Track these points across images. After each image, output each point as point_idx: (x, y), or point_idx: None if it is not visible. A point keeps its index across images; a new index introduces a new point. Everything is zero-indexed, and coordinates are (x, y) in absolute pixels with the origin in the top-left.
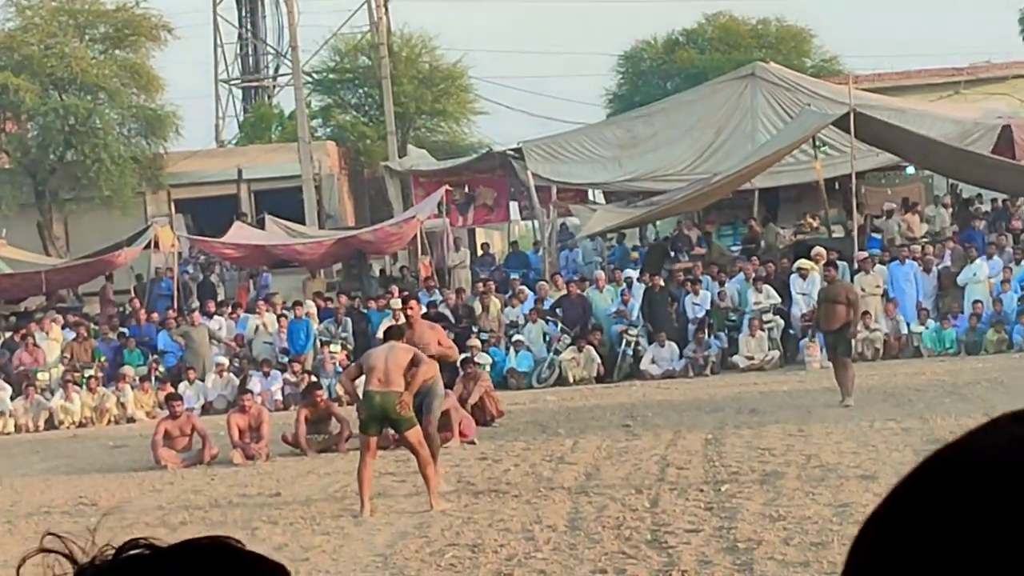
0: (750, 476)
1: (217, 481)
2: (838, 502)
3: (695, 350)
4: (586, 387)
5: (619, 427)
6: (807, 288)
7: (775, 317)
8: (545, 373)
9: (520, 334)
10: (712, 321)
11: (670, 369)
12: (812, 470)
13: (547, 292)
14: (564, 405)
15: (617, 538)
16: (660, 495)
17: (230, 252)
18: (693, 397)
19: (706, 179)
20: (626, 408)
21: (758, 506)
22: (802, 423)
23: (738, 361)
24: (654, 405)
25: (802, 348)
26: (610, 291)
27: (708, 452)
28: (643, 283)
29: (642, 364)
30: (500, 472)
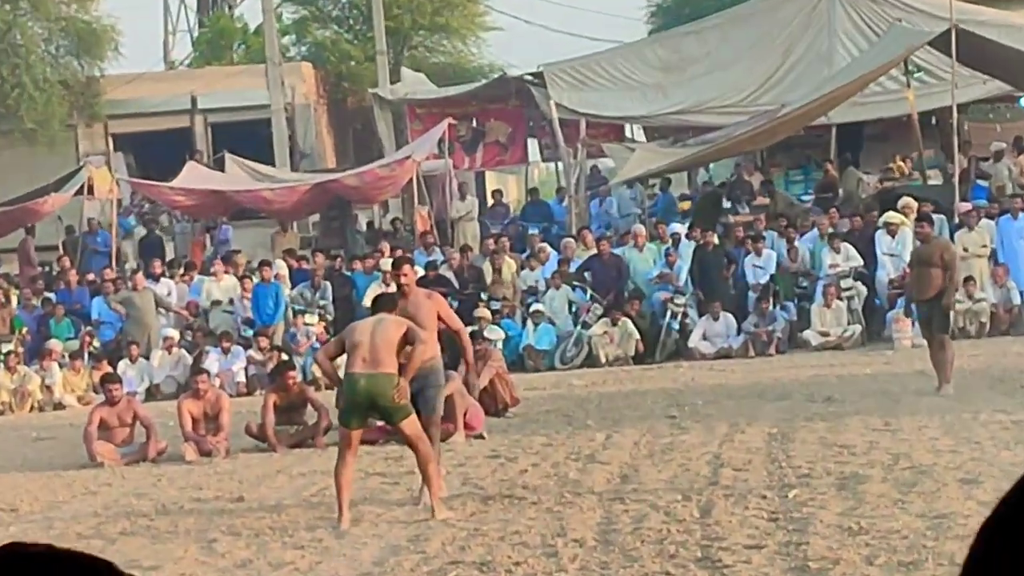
0: (824, 480)
1: (165, 482)
2: (933, 512)
3: (756, 324)
4: (621, 368)
5: (662, 418)
6: (896, 248)
7: (856, 283)
8: (571, 351)
9: (540, 303)
10: (778, 288)
11: (725, 347)
12: (901, 473)
13: (573, 251)
14: (594, 391)
15: (659, 555)
16: (713, 502)
17: (181, 199)
18: (754, 381)
19: (771, 112)
20: (671, 395)
21: (834, 517)
22: (889, 415)
23: (810, 337)
24: (705, 391)
25: (889, 322)
26: (652, 250)
27: (772, 450)
28: (692, 240)
29: (691, 341)
30: (515, 473)
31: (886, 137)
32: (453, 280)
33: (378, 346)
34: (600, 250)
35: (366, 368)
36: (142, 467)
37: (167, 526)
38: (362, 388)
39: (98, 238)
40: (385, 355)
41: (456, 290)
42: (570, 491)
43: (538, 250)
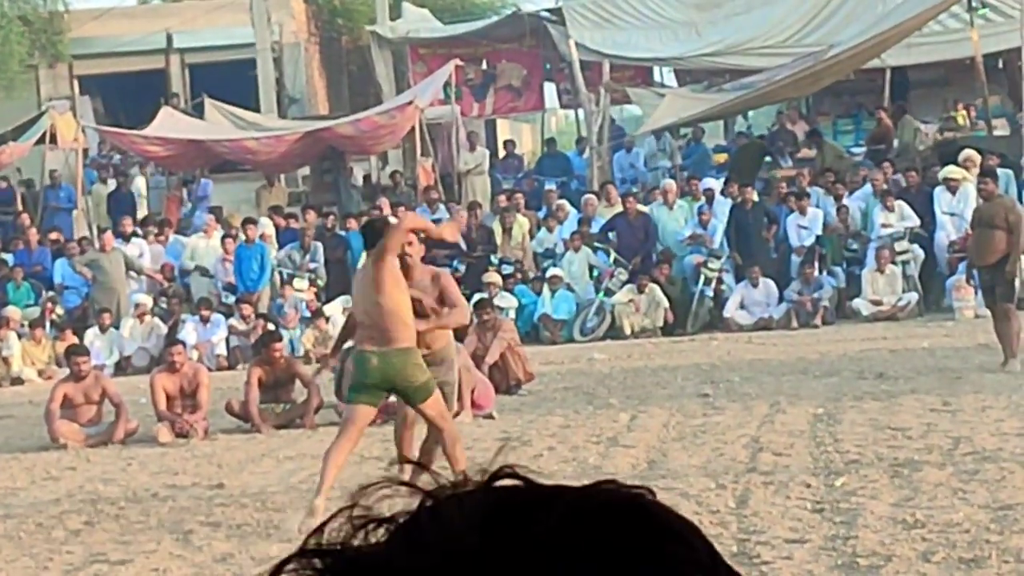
0: (876, 466)
1: (136, 466)
2: (997, 503)
3: (800, 291)
4: (649, 341)
5: (694, 396)
6: (957, 206)
7: (912, 246)
8: (592, 321)
9: (557, 267)
10: (825, 251)
11: (765, 317)
12: (962, 458)
13: (595, 209)
14: (618, 365)
15: None
16: (750, 491)
17: (155, 149)
18: (797, 356)
19: (817, 53)
20: (704, 370)
21: (886, 508)
22: (948, 393)
23: (860, 307)
24: (743, 367)
25: (949, 289)
26: (683, 208)
27: (817, 432)
28: (729, 197)
29: (726, 310)
30: (528, 458)
31: (946, 82)
32: (460, 241)
33: (386, 316)
34: (625, 208)
35: (375, 345)
36: (110, 449)
37: (138, 516)
38: (375, 368)
39: (61, 193)
40: (396, 326)
41: (463, 252)
42: (591, 478)
43: (555, 208)
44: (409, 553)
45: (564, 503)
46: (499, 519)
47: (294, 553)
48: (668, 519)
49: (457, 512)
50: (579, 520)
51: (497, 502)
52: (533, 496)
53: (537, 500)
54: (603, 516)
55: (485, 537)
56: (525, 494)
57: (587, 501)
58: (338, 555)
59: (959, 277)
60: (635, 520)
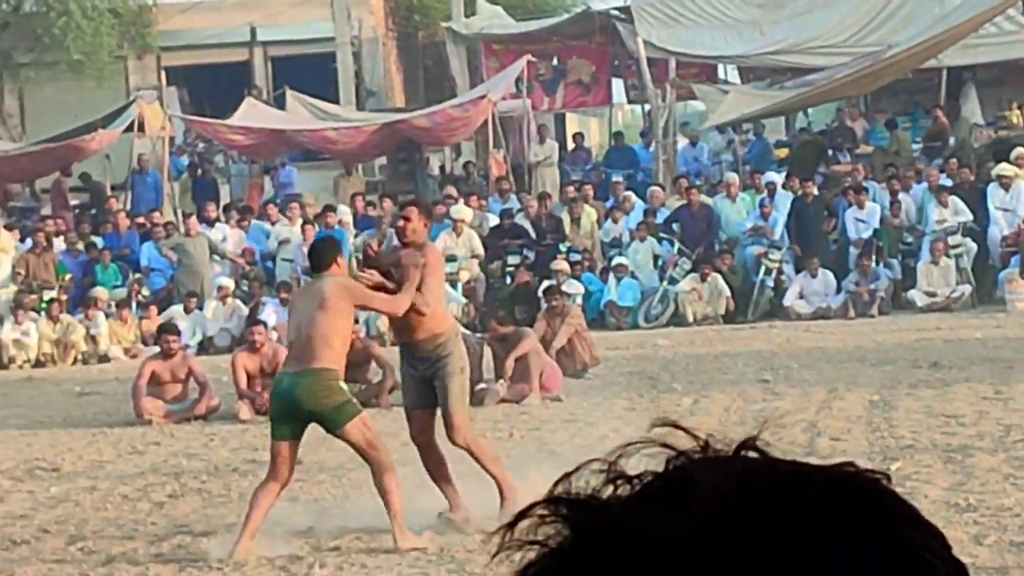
0: (930, 452)
1: (218, 442)
2: None
3: (858, 282)
4: (711, 328)
5: (755, 382)
6: (1009, 202)
7: (966, 240)
8: (656, 308)
9: (623, 256)
10: (881, 244)
11: (823, 307)
12: (1013, 445)
13: (661, 200)
14: (681, 351)
15: None
16: None
17: (238, 138)
18: (854, 345)
19: (877, 53)
20: (764, 357)
21: (940, 492)
22: (1001, 382)
23: (915, 298)
24: (802, 354)
25: (1001, 282)
26: (745, 200)
27: (873, 418)
28: (790, 191)
29: (786, 299)
30: (594, 439)
31: (1002, 81)
32: (530, 230)
33: (306, 332)
34: (689, 200)
35: (291, 367)
36: (193, 425)
37: (219, 489)
38: (283, 391)
39: (148, 179)
40: (316, 343)
41: (533, 241)
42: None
43: (622, 199)
44: (658, 510)
45: (812, 478)
46: (750, 488)
47: (542, 500)
48: (906, 504)
49: (709, 476)
50: (827, 495)
51: (748, 471)
52: (781, 469)
53: (785, 473)
54: (848, 494)
55: (739, 504)
56: (773, 466)
57: (833, 479)
58: (586, 505)
59: (1012, 270)
60: (877, 501)
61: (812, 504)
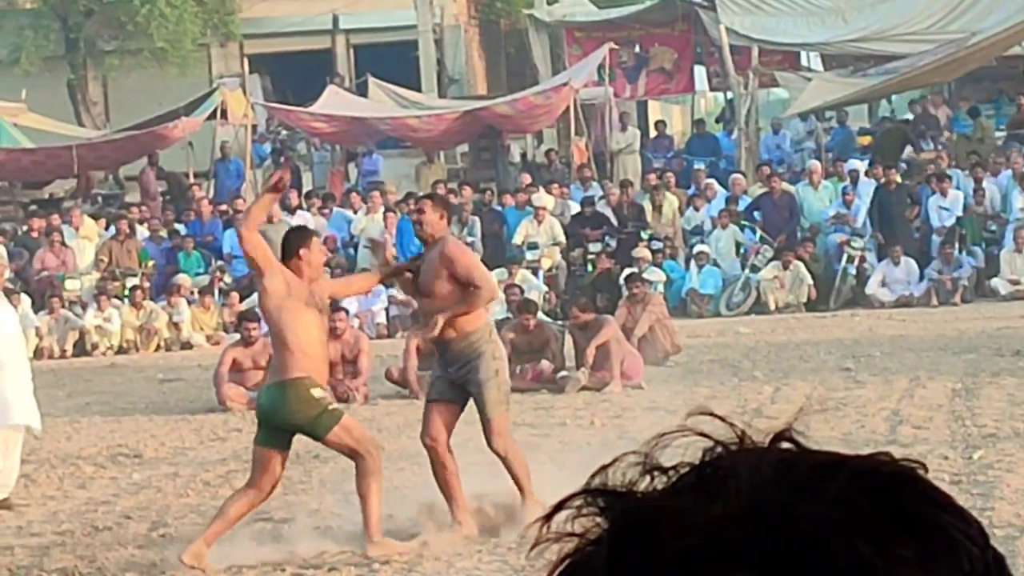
0: (1012, 440)
1: None
2: None
3: (940, 270)
4: (792, 316)
5: (836, 370)
6: None
7: None
8: (737, 296)
9: (705, 243)
10: (965, 232)
11: (906, 294)
12: None
13: (743, 188)
14: (762, 339)
15: None
16: None
17: (321, 126)
18: (937, 333)
19: (960, 40)
20: (846, 345)
21: (1022, 480)
22: None
23: (998, 286)
24: (884, 342)
25: None
26: (828, 188)
27: (955, 407)
28: (872, 178)
29: (868, 287)
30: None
31: None
32: (611, 217)
33: (274, 339)
34: (771, 187)
35: (269, 375)
36: None
37: (300, 476)
38: (261, 406)
39: (231, 166)
40: (282, 353)
41: (615, 228)
42: None
43: (704, 186)
44: (694, 500)
45: (849, 468)
46: (785, 477)
47: (578, 491)
48: (943, 493)
49: (744, 466)
50: (864, 485)
51: (783, 461)
52: (818, 460)
53: (822, 463)
54: (884, 483)
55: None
56: (809, 457)
57: (870, 468)
58: (622, 496)
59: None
60: (914, 490)
61: (847, 493)
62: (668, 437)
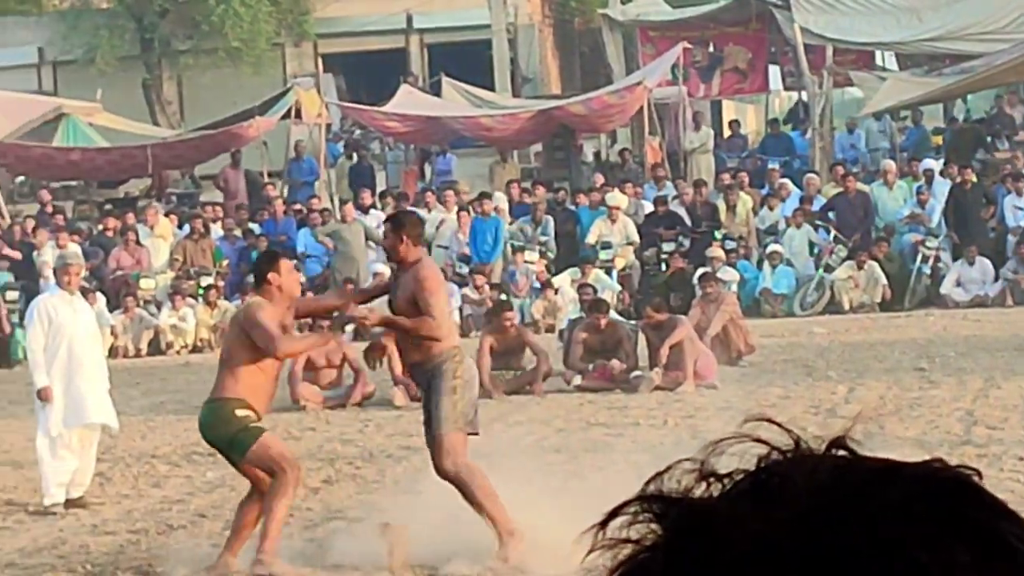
0: None
1: (373, 428)
2: None
3: (1016, 270)
4: (867, 316)
5: (911, 370)
6: None
7: None
8: (811, 296)
9: (779, 243)
10: None
11: (981, 295)
12: None
13: (817, 188)
14: (837, 339)
15: None
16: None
17: (394, 125)
18: (1012, 333)
19: None
20: (920, 345)
21: None
22: None
23: None
24: (959, 342)
25: None
26: (902, 188)
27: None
28: (948, 178)
29: (943, 287)
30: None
31: None
32: (684, 217)
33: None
34: (846, 187)
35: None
36: (348, 411)
37: (374, 475)
38: (198, 421)
39: (304, 165)
40: (223, 373)
41: (688, 228)
42: None
43: (778, 186)
44: (750, 506)
45: (905, 475)
46: (842, 484)
47: (633, 497)
48: (999, 500)
49: (800, 473)
50: (920, 491)
51: (838, 468)
52: (873, 466)
53: (878, 470)
54: (942, 490)
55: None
56: (865, 463)
57: (926, 475)
58: (678, 502)
59: None
60: (971, 497)
61: (903, 499)
62: (724, 444)
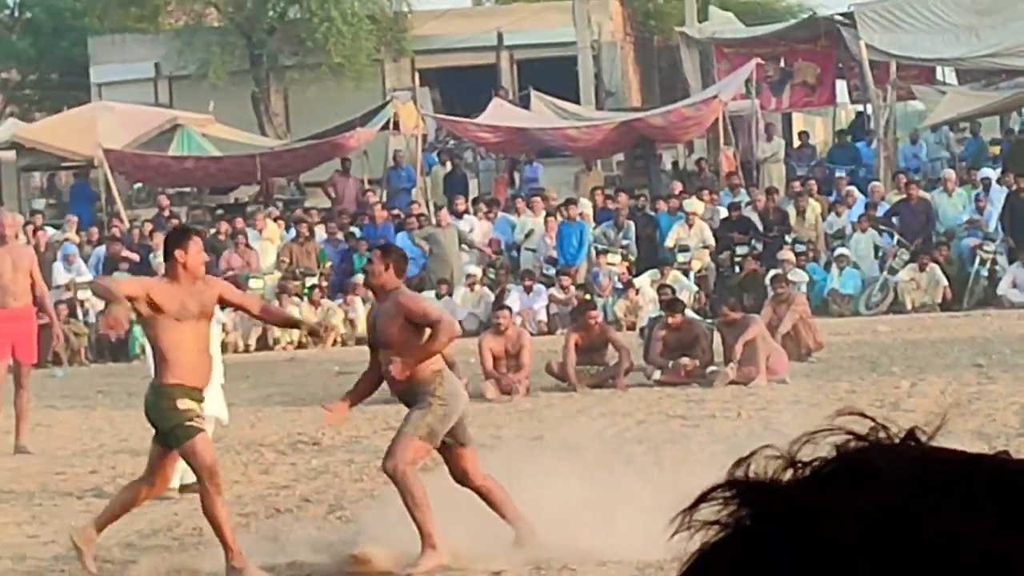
0: None
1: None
2: None
3: None
4: (928, 315)
5: (969, 367)
6: None
7: None
8: (876, 296)
9: (846, 247)
10: None
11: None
12: None
13: (881, 195)
14: (900, 337)
15: None
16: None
17: (486, 136)
18: None
19: None
20: (979, 343)
21: None
22: None
23: None
24: (1014, 340)
25: None
26: (961, 195)
27: None
28: (1004, 186)
29: (1000, 288)
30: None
31: None
32: (757, 222)
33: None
34: (908, 194)
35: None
36: None
37: None
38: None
39: (402, 173)
40: (158, 358)
41: (760, 232)
42: None
43: (845, 193)
44: (837, 490)
45: (985, 466)
46: (927, 473)
47: (720, 482)
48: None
49: (885, 460)
50: (1002, 482)
51: (922, 458)
52: (953, 457)
53: (959, 461)
54: (1019, 481)
55: (914, 489)
56: (944, 454)
57: (1006, 466)
58: (764, 486)
59: None
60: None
61: (987, 489)
62: (819, 435)
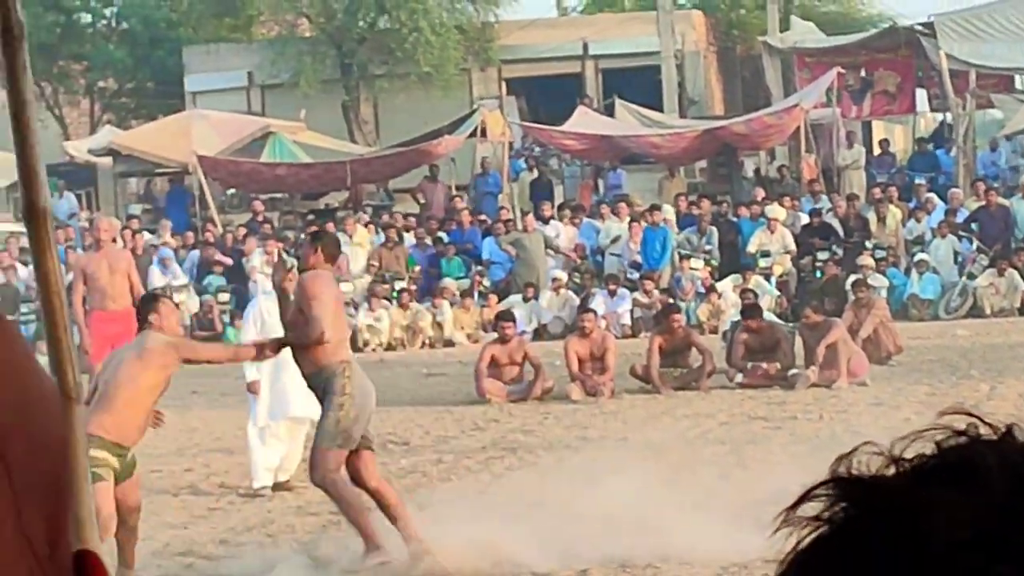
0: None
1: (551, 420)
2: None
3: None
4: (1007, 319)
5: None
6: None
7: None
8: (956, 301)
9: (925, 252)
10: None
11: None
12: None
13: (961, 201)
14: (979, 341)
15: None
16: None
17: (571, 143)
18: None
19: None
20: None
21: None
22: None
23: None
24: None
25: None
26: None
27: None
28: None
29: None
30: (898, 421)
31: None
32: (838, 228)
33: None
34: (988, 201)
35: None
36: (528, 405)
37: (551, 463)
38: None
39: (489, 179)
40: (99, 405)
41: (841, 238)
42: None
43: (924, 200)
44: (943, 486)
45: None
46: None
47: (824, 480)
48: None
49: (989, 456)
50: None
51: (1023, 454)
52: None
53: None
54: None
55: (1017, 485)
56: None
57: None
58: (865, 484)
59: None
60: None
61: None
62: (928, 433)
